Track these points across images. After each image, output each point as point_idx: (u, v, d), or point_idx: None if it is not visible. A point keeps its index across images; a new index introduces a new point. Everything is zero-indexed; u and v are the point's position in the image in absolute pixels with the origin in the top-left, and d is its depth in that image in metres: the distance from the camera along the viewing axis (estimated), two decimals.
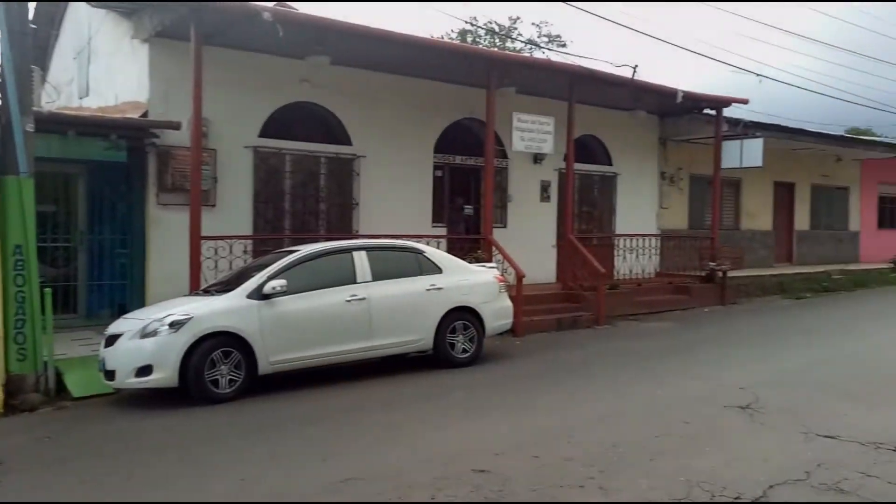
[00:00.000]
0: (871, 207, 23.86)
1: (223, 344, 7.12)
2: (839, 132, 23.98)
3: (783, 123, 17.93)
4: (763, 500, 4.43)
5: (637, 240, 14.64)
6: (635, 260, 14.39)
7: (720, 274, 14.91)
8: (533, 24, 30.49)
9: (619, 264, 14.40)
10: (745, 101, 14.86)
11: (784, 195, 20.46)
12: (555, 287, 13.33)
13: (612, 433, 5.83)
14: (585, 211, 15.31)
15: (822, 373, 8.19)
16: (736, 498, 4.45)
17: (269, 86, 11.01)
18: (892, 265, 21.08)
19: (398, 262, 8.53)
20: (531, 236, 13.88)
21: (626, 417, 6.39)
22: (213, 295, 7.73)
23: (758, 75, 17.39)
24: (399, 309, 8.22)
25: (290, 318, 7.53)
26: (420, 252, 8.80)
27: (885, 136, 33.94)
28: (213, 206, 10.34)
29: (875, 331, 11.56)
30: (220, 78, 10.11)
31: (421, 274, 8.55)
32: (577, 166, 13.96)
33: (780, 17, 40.08)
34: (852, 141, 21.37)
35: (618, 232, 15.28)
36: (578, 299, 12.48)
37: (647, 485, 4.70)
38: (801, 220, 21.17)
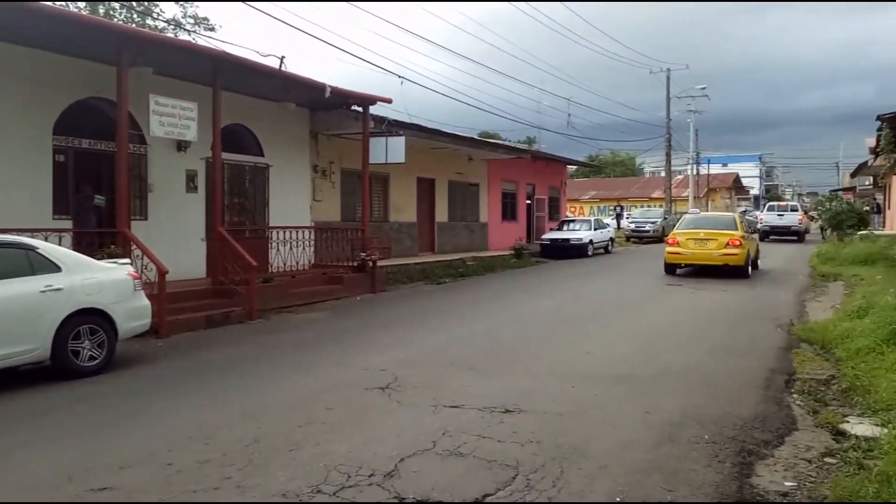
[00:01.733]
0: (496, 202, 27.29)
1: None
2: (472, 135, 26.96)
3: (424, 124, 19.51)
4: (394, 473, 4.64)
5: (291, 232, 14.63)
6: (289, 252, 14.36)
7: (371, 264, 15.65)
8: (177, 1, 28.50)
9: (274, 257, 14.24)
10: (389, 101, 15.79)
11: (426, 190, 22.31)
12: (205, 282, 12.67)
13: (254, 429, 5.64)
14: (237, 202, 14.83)
15: (454, 350, 9.00)
16: (370, 475, 4.60)
17: None
18: (513, 252, 24.34)
19: (1, 261, 7.23)
20: (177, 229, 12.99)
21: (270, 411, 6.25)
22: None
23: (400, 77, 18.66)
24: (2, 315, 6.96)
25: None
26: (32, 248, 7.56)
27: (508, 140, 39.17)
28: None
29: (497, 309, 13.14)
30: None
31: (33, 273, 7.36)
32: (227, 156, 13.44)
33: (421, 26, 43.74)
34: (480, 143, 24.18)
35: (271, 224, 15.11)
36: (230, 294, 12.02)
37: (286, 476, 4.62)
38: (441, 213, 23.32)
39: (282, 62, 12.53)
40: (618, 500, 4.23)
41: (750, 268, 17.82)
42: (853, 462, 4.80)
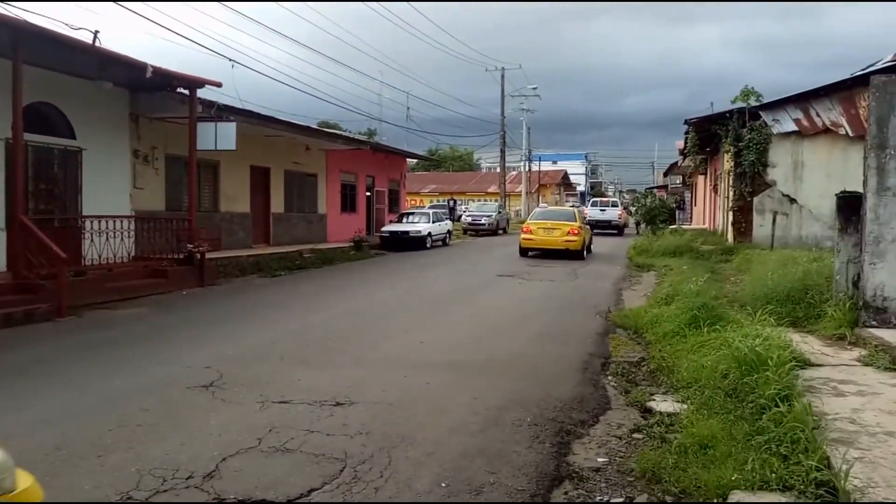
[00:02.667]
0: (335, 193, 26.95)
1: None
2: (312, 124, 26.40)
3: (257, 110, 18.81)
4: (215, 473, 4.42)
5: (108, 221, 13.52)
6: (106, 244, 13.27)
7: (198, 256, 14.85)
8: None
9: (88, 249, 13.09)
10: (218, 84, 15.04)
11: (260, 179, 21.55)
12: (5, 277, 11.40)
13: (56, 435, 5.14)
14: (44, 189, 13.43)
15: (286, 344, 8.75)
16: (188, 477, 4.35)
17: None
18: (352, 244, 24.17)
19: None
20: None
21: (76, 415, 5.72)
22: None
23: (231, 60, 17.86)
24: None
25: None
26: None
27: (348, 131, 38.86)
28: None
29: (334, 302, 12.97)
30: None
31: None
32: (31, 137, 12.19)
33: (253, 7, 42.20)
34: (317, 132, 23.73)
35: (85, 213, 13.88)
36: (35, 289, 10.89)
37: (91, 484, 4.25)
38: (277, 204, 22.64)
39: (95, 37, 11.52)
40: (443, 485, 4.29)
41: (585, 252, 21.80)
42: (657, 436, 5.21)
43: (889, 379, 6.30)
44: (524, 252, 21.81)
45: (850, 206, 8.76)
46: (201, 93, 15.05)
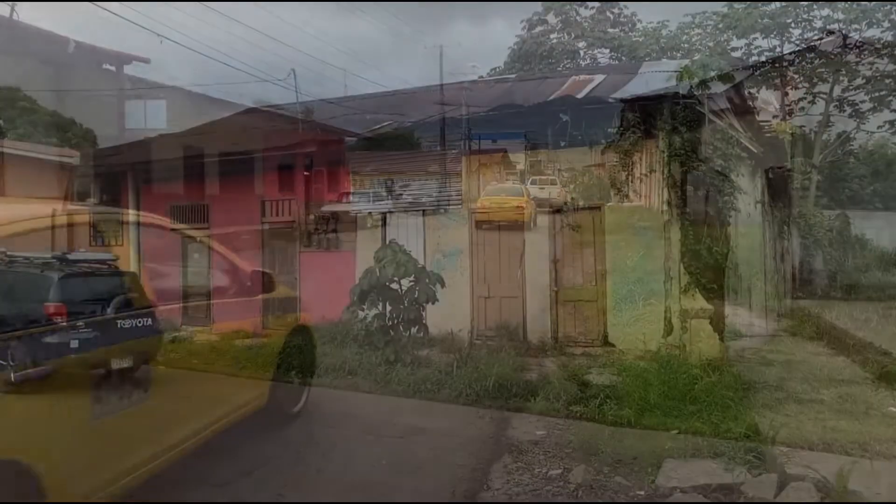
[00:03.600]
0: (273, 173, 26.29)
1: None
2: (247, 102, 25.63)
3: (189, 88, 18.17)
4: None
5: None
6: None
7: None
8: None
9: None
10: (146, 60, 14.52)
11: (194, 160, 20.84)
12: None
13: None
14: None
15: None
16: None
17: None
18: (290, 225, 23.75)
19: None
20: None
21: None
22: None
23: (160, 36, 17.22)
24: None
25: None
26: None
27: (286, 110, 37.93)
28: None
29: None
30: None
31: None
32: None
33: None
34: (252, 110, 23.10)
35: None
36: None
37: None
38: (211, 186, 21.95)
39: (13, 10, 10.93)
40: (383, 462, 4.28)
41: (532, 223, 22.28)
42: (594, 409, 5.28)
43: (814, 347, 6.58)
44: (479, 225, 23.07)
45: (779, 182, 9.06)
46: (129, 69, 14.48)
